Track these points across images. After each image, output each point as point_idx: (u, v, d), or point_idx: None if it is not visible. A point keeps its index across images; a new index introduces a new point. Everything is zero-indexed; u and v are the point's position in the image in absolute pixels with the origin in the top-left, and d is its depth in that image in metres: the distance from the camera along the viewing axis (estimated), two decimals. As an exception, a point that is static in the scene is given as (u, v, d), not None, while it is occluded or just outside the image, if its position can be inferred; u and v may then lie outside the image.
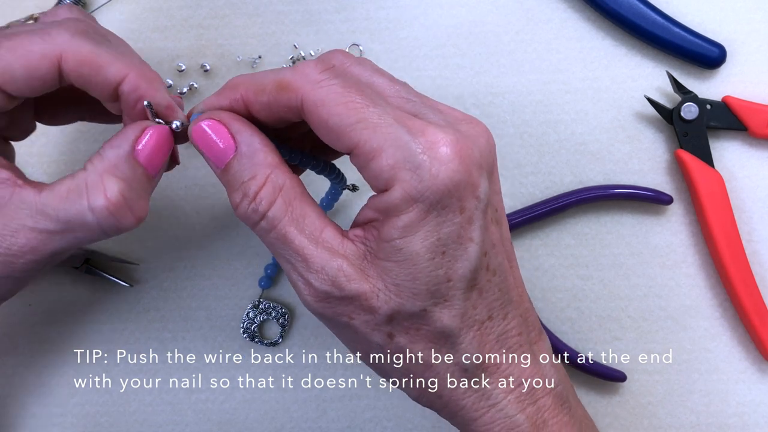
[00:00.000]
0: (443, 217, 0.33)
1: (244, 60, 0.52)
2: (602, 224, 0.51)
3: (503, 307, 0.36)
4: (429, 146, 0.32)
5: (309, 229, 0.34)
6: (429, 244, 0.33)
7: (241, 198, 0.35)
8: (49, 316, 0.51)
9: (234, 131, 0.35)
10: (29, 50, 0.36)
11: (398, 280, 0.34)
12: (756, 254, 0.50)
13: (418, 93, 0.36)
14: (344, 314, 0.35)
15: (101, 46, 0.37)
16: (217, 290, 0.51)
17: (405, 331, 0.35)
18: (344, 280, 0.34)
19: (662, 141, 0.51)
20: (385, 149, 0.32)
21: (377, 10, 0.52)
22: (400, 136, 0.32)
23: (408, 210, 0.33)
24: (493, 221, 0.35)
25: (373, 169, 0.33)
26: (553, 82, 0.51)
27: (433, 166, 0.32)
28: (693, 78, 0.51)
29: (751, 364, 0.50)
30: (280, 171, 0.35)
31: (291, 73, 0.34)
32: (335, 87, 0.33)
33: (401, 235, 0.33)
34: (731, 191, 0.50)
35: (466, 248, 0.34)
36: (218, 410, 0.51)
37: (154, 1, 0.52)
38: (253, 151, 0.35)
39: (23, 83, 0.36)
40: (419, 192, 0.32)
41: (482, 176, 0.34)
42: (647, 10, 0.50)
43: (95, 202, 0.35)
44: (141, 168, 0.36)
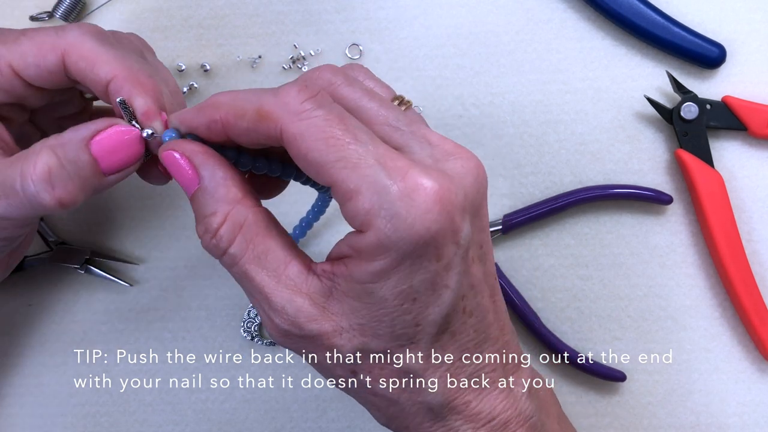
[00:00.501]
0: (417, 266, 0.32)
1: (244, 60, 0.52)
2: (602, 224, 0.51)
3: (478, 346, 0.35)
4: (407, 193, 0.31)
5: (272, 265, 0.34)
6: (399, 291, 0.32)
7: (203, 232, 0.34)
8: (49, 316, 0.51)
9: (197, 164, 0.34)
10: (43, 41, 0.38)
11: (363, 321, 0.33)
12: (756, 254, 0.50)
13: (410, 119, 0.35)
14: (307, 350, 0.34)
15: (105, 47, 0.38)
16: (217, 290, 0.51)
17: (369, 369, 0.34)
18: (304, 320, 0.33)
19: (662, 141, 0.51)
20: (362, 192, 0.31)
21: (377, 10, 0.52)
22: (378, 180, 0.31)
23: (380, 257, 0.31)
24: (476, 260, 0.34)
25: (350, 210, 0.31)
26: (553, 82, 0.51)
27: (410, 216, 0.30)
28: (693, 78, 0.51)
29: (751, 364, 0.50)
30: (242, 206, 0.34)
31: (271, 100, 0.33)
32: (316, 120, 0.32)
33: (371, 280, 0.32)
34: (731, 191, 0.50)
35: (439, 295, 0.32)
36: (218, 410, 0.51)
37: (154, 1, 0.52)
38: (215, 186, 0.34)
39: (33, 71, 0.38)
40: (392, 242, 0.31)
41: (465, 220, 0.32)
42: (647, 10, 0.50)
43: (26, 169, 0.35)
44: (89, 157, 0.36)
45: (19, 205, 0.36)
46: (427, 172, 0.31)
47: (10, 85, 0.38)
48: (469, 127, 0.51)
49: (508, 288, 0.50)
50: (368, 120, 0.34)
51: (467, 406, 0.35)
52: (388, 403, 0.35)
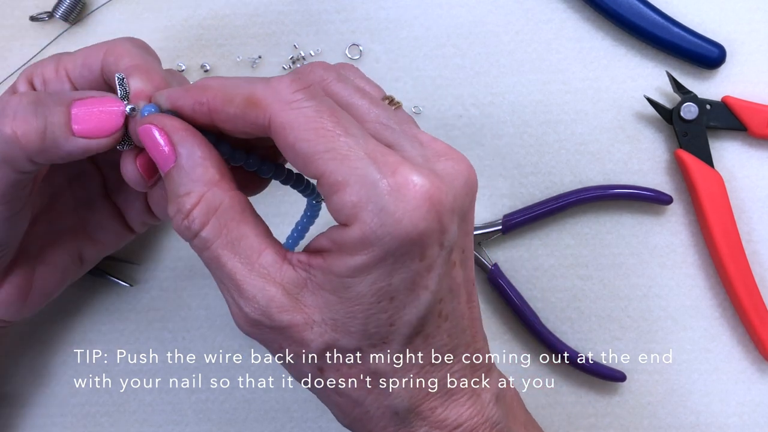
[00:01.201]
0: (400, 264, 0.31)
1: (243, 60, 0.52)
2: (602, 224, 0.51)
3: (452, 350, 0.34)
4: (397, 188, 0.30)
5: (245, 252, 0.33)
6: (376, 288, 0.31)
7: (175, 212, 0.33)
8: (49, 316, 0.51)
9: (176, 141, 0.33)
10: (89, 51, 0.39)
11: (337, 315, 0.32)
12: (756, 254, 0.50)
13: (401, 118, 0.34)
14: (275, 342, 0.33)
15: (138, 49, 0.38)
16: (217, 290, 0.51)
17: (336, 367, 0.34)
18: (275, 311, 0.32)
19: (662, 141, 0.51)
20: (351, 184, 0.30)
21: (377, 10, 0.52)
22: (367, 173, 0.30)
23: (362, 252, 0.30)
24: (458, 264, 0.34)
25: (336, 203, 0.31)
26: (553, 82, 0.51)
27: (398, 211, 0.30)
28: (693, 78, 0.51)
29: (751, 364, 0.50)
30: (219, 189, 0.33)
31: (263, 88, 0.32)
32: (307, 110, 0.31)
33: (350, 275, 0.31)
34: (731, 191, 0.50)
35: (417, 296, 0.32)
36: (218, 410, 0.51)
37: (154, 1, 0.52)
38: (192, 165, 0.33)
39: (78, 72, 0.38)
40: (378, 237, 0.30)
41: (452, 222, 0.32)
42: (647, 10, 0.50)
43: None
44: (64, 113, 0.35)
45: None
46: (418, 170, 0.31)
47: None
48: (469, 127, 0.51)
49: (508, 288, 0.50)
50: (359, 117, 0.33)
51: (433, 412, 0.34)
52: (353, 404, 0.34)
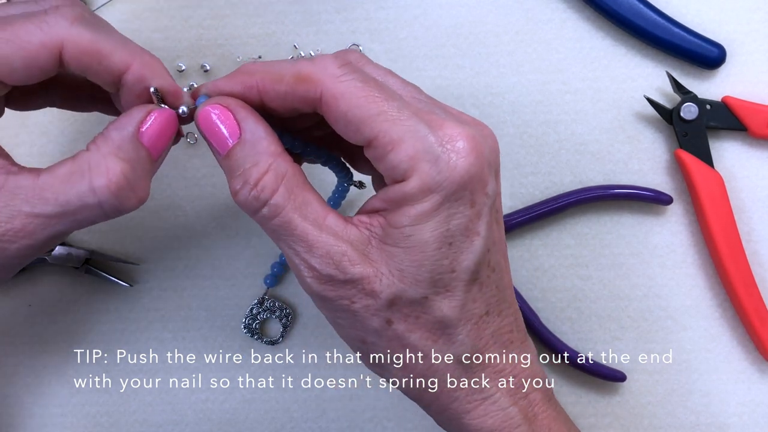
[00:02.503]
0: (455, 209, 0.34)
1: (244, 60, 0.52)
2: (602, 224, 0.51)
3: (499, 304, 0.36)
4: (448, 139, 0.33)
5: (312, 215, 0.35)
6: (438, 234, 0.34)
7: (241, 185, 0.35)
8: (49, 316, 0.51)
9: (240, 118, 0.35)
10: (27, 41, 0.35)
11: (403, 266, 0.34)
12: (756, 254, 0.50)
13: (429, 96, 0.37)
14: (345, 297, 0.35)
15: (101, 34, 0.36)
16: (217, 290, 0.51)
17: (404, 318, 0.35)
18: (348, 264, 0.34)
19: (662, 141, 0.51)
20: (405, 140, 0.33)
21: (377, 10, 0.52)
22: (419, 129, 0.33)
23: (423, 200, 0.33)
24: (496, 220, 0.36)
25: (391, 160, 0.33)
26: (553, 82, 0.51)
27: (452, 159, 0.33)
28: (693, 78, 0.51)
29: (751, 364, 0.50)
30: (283, 160, 0.35)
31: (310, 65, 0.35)
32: (355, 81, 0.34)
33: (412, 223, 0.33)
34: (731, 191, 0.50)
35: (472, 241, 0.34)
36: (218, 410, 0.51)
37: (154, 1, 0.52)
38: (257, 138, 0.35)
39: (21, 73, 0.35)
40: (437, 183, 0.33)
41: (491, 174, 0.35)
42: (647, 10, 0.50)
43: (97, 183, 0.34)
44: (144, 150, 0.36)
45: (91, 218, 0.35)
46: (461, 125, 0.34)
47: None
48: (469, 127, 0.51)
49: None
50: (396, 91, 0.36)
51: (491, 362, 0.36)
52: (419, 357, 0.36)
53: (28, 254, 0.36)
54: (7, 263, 0.36)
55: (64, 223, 0.35)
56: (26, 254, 0.36)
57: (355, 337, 0.36)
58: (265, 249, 0.51)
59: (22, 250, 0.35)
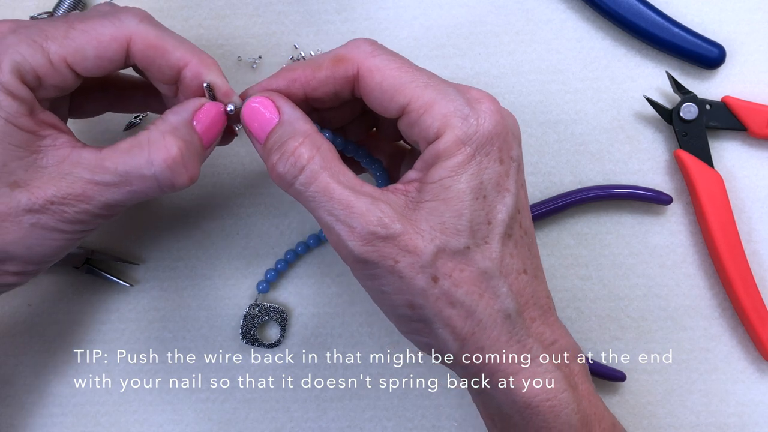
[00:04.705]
0: (485, 164, 0.36)
1: (244, 60, 0.52)
2: (602, 224, 0.51)
3: (534, 267, 0.39)
4: (475, 101, 0.37)
5: (348, 182, 0.37)
6: (474, 185, 0.36)
7: (278, 157, 0.37)
8: (49, 316, 0.51)
9: (278, 105, 0.39)
10: (101, 33, 0.39)
11: (443, 218, 0.36)
12: (755, 254, 0.50)
13: None
14: (389, 256, 0.36)
15: (165, 33, 0.40)
16: (217, 290, 0.51)
17: (449, 273, 0.36)
18: (389, 220, 0.35)
19: (662, 141, 0.51)
20: (438, 101, 0.36)
21: (377, 10, 0.52)
22: (449, 92, 0.37)
23: (458, 152, 0.36)
24: (522, 186, 0.39)
25: (425, 121, 0.37)
26: (553, 82, 0.51)
27: (480, 116, 0.37)
28: (692, 78, 0.51)
29: (751, 364, 0.50)
30: (318, 136, 0.38)
31: (344, 48, 0.39)
32: (387, 56, 0.38)
33: (450, 174, 0.36)
34: (731, 191, 0.50)
35: (503, 196, 0.37)
36: (218, 410, 0.51)
37: (155, 1, 0.52)
38: (294, 119, 0.38)
39: (92, 63, 0.39)
40: (468, 136, 0.36)
41: (515, 142, 0.38)
42: (647, 10, 0.50)
43: (155, 155, 0.37)
44: (197, 135, 0.39)
45: (145, 190, 0.38)
46: (484, 93, 0.38)
47: (62, 80, 0.39)
48: (469, 127, 0.51)
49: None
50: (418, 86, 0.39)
51: (534, 322, 0.38)
52: (466, 315, 0.36)
53: (83, 220, 0.38)
54: (63, 228, 0.38)
55: (121, 192, 0.38)
56: (81, 220, 0.38)
57: (402, 303, 0.37)
58: (265, 249, 0.51)
59: (80, 214, 0.38)
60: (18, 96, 0.37)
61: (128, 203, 0.39)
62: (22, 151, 0.37)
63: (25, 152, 0.37)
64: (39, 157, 0.38)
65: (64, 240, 0.39)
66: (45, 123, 0.38)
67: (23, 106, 0.37)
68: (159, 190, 0.38)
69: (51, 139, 0.38)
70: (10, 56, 0.37)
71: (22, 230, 0.37)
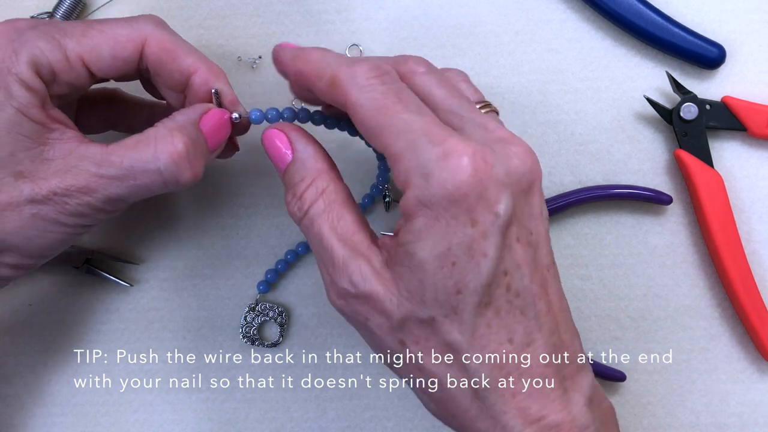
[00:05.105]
0: (453, 227, 0.33)
1: (244, 60, 0.52)
2: (602, 224, 0.51)
3: (527, 333, 0.34)
4: (443, 155, 0.33)
5: (341, 230, 0.37)
6: (438, 253, 0.33)
7: (291, 197, 0.38)
8: (49, 316, 0.51)
9: (292, 139, 0.39)
10: (117, 33, 0.40)
11: (410, 286, 0.34)
12: (755, 254, 0.50)
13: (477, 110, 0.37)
14: (361, 314, 0.36)
15: (178, 39, 0.42)
16: (217, 290, 0.51)
17: (416, 340, 0.35)
18: (360, 280, 0.35)
19: (662, 141, 0.51)
20: (404, 155, 0.34)
21: (377, 10, 0.52)
22: (419, 144, 0.33)
23: (418, 214, 0.33)
24: (523, 242, 0.35)
25: (395, 172, 0.34)
26: (553, 82, 0.51)
27: (442, 174, 0.33)
28: (692, 78, 0.51)
29: (751, 364, 0.50)
30: (327, 176, 0.38)
31: (345, 71, 0.36)
32: (375, 93, 0.35)
33: (411, 240, 0.34)
34: (730, 191, 0.50)
35: (477, 262, 0.33)
36: (218, 410, 0.51)
37: (155, 1, 0.52)
38: (306, 157, 0.39)
39: (107, 62, 0.40)
40: (426, 197, 0.33)
41: (504, 194, 0.33)
42: (647, 11, 0.50)
43: (162, 151, 0.38)
44: (203, 136, 0.40)
45: (149, 184, 0.39)
46: (465, 141, 0.33)
47: (77, 77, 0.40)
48: (469, 127, 0.51)
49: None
50: (433, 104, 0.36)
51: (515, 397, 0.34)
52: (435, 383, 0.35)
53: (85, 213, 0.38)
54: (64, 220, 0.38)
55: (125, 186, 0.38)
56: (83, 213, 0.38)
57: (378, 351, 0.37)
58: (265, 249, 0.51)
59: (81, 207, 0.38)
60: (32, 88, 0.38)
61: (130, 199, 0.39)
62: (30, 142, 0.38)
63: (33, 143, 0.38)
64: (46, 149, 0.38)
65: (64, 233, 0.39)
66: (54, 118, 0.39)
67: (36, 98, 0.38)
68: (163, 185, 0.39)
69: (59, 133, 0.39)
70: (28, 49, 0.38)
71: (23, 220, 0.38)
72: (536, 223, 0.35)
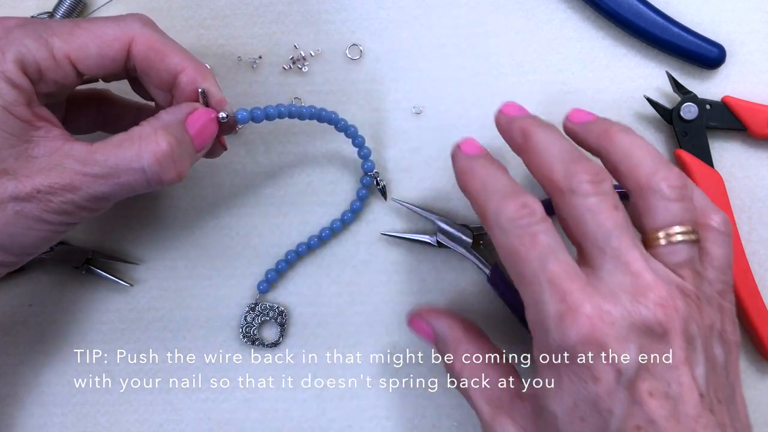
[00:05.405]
0: (575, 383, 0.33)
1: (244, 60, 0.52)
2: (602, 224, 0.51)
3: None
4: (560, 314, 0.33)
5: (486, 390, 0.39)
6: (565, 408, 0.34)
7: (449, 374, 0.42)
8: (49, 316, 0.51)
9: (428, 320, 0.44)
10: (104, 32, 0.40)
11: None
12: (756, 254, 0.50)
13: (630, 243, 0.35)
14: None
15: (165, 38, 0.41)
16: (217, 290, 0.51)
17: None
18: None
19: (662, 141, 0.51)
20: (529, 306, 0.35)
21: (377, 10, 0.52)
22: (541, 299, 0.34)
23: (543, 367, 0.35)
24: (658, 396, 0.33)
25: (527, 322, 0.36)
26: (553, 82, 0.51)
27: (557, 333, 0.33)
28: (692, 78, 0.51)
29: (751, 364, 0.50)
30: (465, 343, 0.41)
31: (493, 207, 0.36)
32: (512, 239, 0.35)
33: (540, 394, 0.35)
34: (731, 191, 0.50)
35: (605, 419, 0.33)
36: (218, 410, 0.51)
37: (155, 1, 0.52)
38: (443, 335, 0.43)
39: (94, 61, 0.40)
40: (547, 352, 0.34)
41: (627, 348, 0.33)
42: (647, 10, 0.50)
43: (145, 149, 0.38)
44: (189, 136, 0.40)
45: (133, 184, 0.39)
46: (588, 296, 0.33)
47: (63, 75, 0.39)
48: (469, 127, 0.51)
49: (508, 288, 0.50)
50: (583, 234, 0.36)
51: None
52: None
53: (68, 211, 0.38)
54: (47, 218, 0.38)
55: (109, 184, 0.38)
56: (66, 210, 0.38)
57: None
58: (265, 249, 0.51)
59: (65, 204, 0.38)
60: (18, 85, 0.38)
61: (114, 197, 0.39)
62: (15, 140, 0.38)
63: (18, 141, 0.38)
64: (31, 147, 0.38)
65: (48, 231, 0.39)
66: (40, 116, 0.39)
67: (22, 95, 0.38)
68: (146, 184, 0.39)
69: (44, 131, 0.38)
70: (15, 47, 0.38)
71: (6, 218, 0.37)
72: (678, 373, 0.33)
